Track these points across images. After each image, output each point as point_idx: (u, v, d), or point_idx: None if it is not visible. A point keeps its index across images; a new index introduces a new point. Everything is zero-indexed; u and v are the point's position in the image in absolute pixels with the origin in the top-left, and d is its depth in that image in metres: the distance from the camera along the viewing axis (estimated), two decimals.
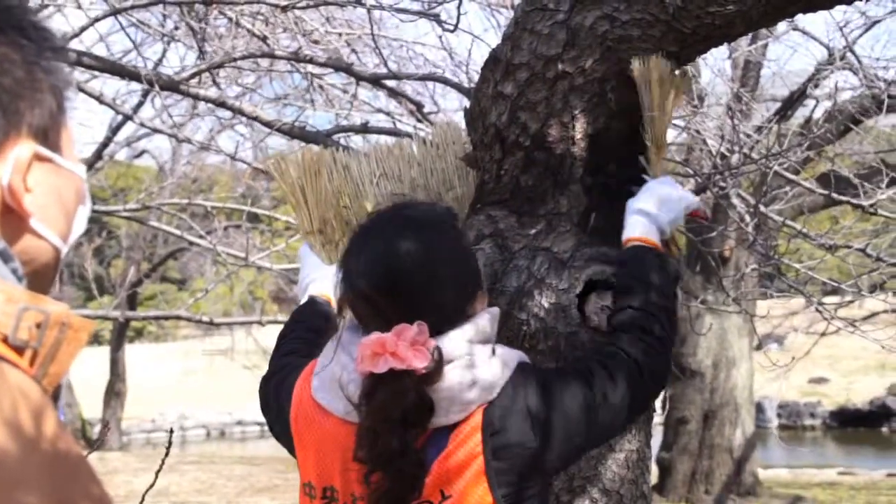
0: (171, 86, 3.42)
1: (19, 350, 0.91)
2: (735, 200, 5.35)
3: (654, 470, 12.38)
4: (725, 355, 11.43)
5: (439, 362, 1.71)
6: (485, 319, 1.78)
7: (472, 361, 1.75)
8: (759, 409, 29.05)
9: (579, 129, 2.07)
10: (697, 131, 5.55)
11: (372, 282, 1.77)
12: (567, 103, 2.07)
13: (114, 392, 18.25)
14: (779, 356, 14.69)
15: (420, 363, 1.69)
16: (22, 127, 1.01)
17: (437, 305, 1.75)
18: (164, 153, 14.49)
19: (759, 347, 18.27)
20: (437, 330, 1.73)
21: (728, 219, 6.74)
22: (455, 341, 1.74)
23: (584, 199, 2.09)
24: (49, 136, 1.04)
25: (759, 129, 6.07)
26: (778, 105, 9.18)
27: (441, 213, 1.87)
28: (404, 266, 1.76)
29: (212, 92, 3.63)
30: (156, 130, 5.40)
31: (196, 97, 3.74)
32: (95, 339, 46.02)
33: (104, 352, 19.34)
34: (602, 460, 2.08)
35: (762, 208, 5.04)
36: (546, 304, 2.02)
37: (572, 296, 2.01)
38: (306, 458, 1.86)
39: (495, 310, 1.83)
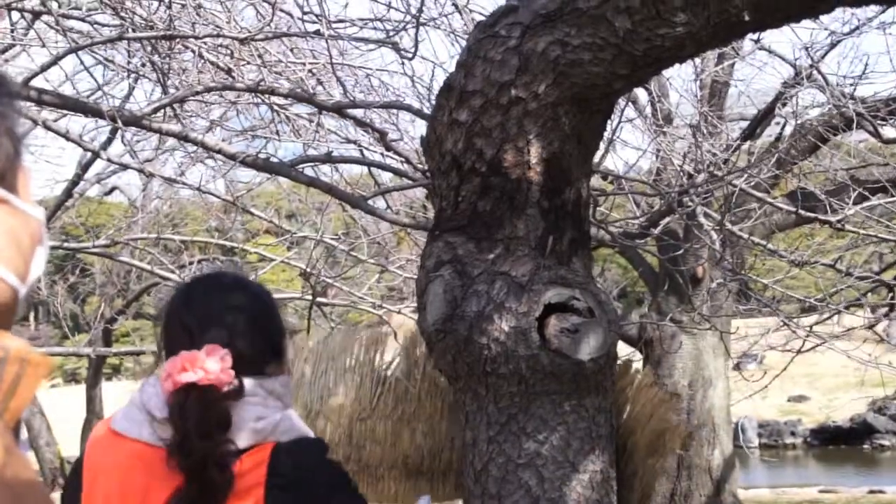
0: (134, 121, 3.41)
1: None
2: (702, 219, 5.39)
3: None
4: (702, 375, 11.44)
5: (240, 386, 2.00)
6: (278, 383, 2.11)
7: (258, 402, 2.07)
8: (740, 429, 29.16)
9: (534, 153, 2.09)
10: (665, 152, 5.60)
11: (199, 322, 2.10)
12: (521, 128, 2.08)
13: (90, 429, 18.02)
14: (757, 375, 14.75)
15: (226, 378, 1.99)
16: None
17: (250, 352, 2.06)
18: (135, 190, 14.44)
19: (737, 367, 18.34)
20: (246, 371, 2.03)
21: (697, 238, 6.78)
22: (250, 383, 2.02)
23: (541, 222, 2.11)
24: (6, 178, 1.04)
25: (726, 148, 6.14)
26: (746, 124, 9.25)
27: (255, 283, 2.30)
28: (236, 311, 2.14)
29: (175, 126, 3.63)
30: (124, 166, 5.39)
31: (159, 132, 3.74)
32: (73, 378, 45.74)
33: (82, 390, 19.17)
34: (566, 481, 2.09)
35: (728, 225, 5.09)
36: (506, 328, 2.03)
37: (532, 319, 2.03)
38: (105, 490, 2.03)
39: (286, 378, 2.16)
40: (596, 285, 2.16)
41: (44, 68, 3.57)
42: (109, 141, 8.34)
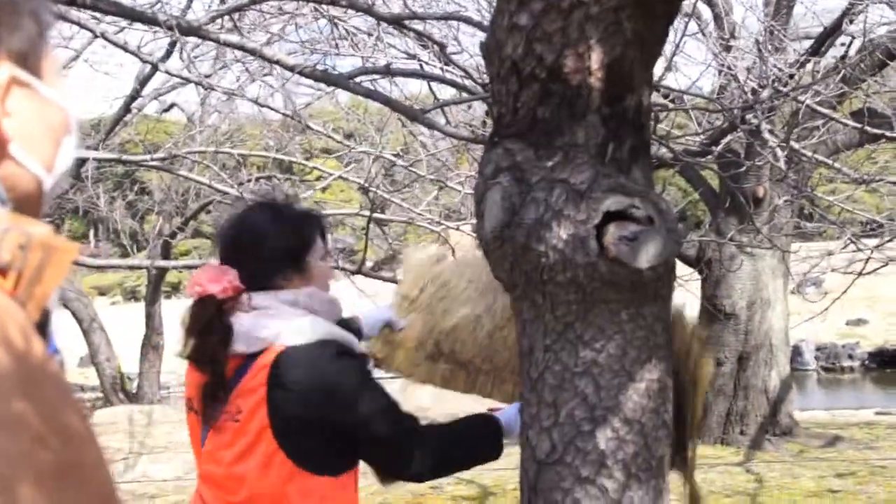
0: (192, 31, 3.40)
1: (2, 271, 0.89)
2: (766, 136, 5.29)
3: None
4: (760, 296, 11.36)
5: (236, 295, 2.48)
6: (301, 293, 2.55)
7: (274, 313, 2.49)
8: (797, 351, 29.04)
9: (595, 59, 2.05)
10: (729, 67, 5.48)
11: (221, 244, 2.63)
12: (583, 33, 2.04)
13: (150, 346, 18.38)
14: (817, 298, 14.62)
15: (214, 288, 2.46)
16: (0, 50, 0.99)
17: (253, 269, 2.53)
18: (194, 107, 14.47)
19: (796, 290, 18.18)
20: (256, 286, 2.52)
21: (759, 156, 6.67)
22: (263, 296, 2.51)
23: (601, 129, 2.08)
24: (28, 61, 1.02)
25: (791, 65, 6.00)
26: (811, 42, 9.03)
27: (287, 205, 2.69)
28: (238, 235, 2.61)
29: (233, 37, 3.61)
30: (183, 79, 5.41)
31: (217, 41, 3.72)
32: (132, 296, 46.51)
33: (142, 307, 19.50)
34: (622, 390, 2.09)
35: (793, 143, 4.99)
36: (564, 236, 2.02)
37: (590, 227, 2.01)
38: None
39: (313, 289, 2.59)
40: (656, 193, 2.13)
41: None
42: (168, 54, 8.36)
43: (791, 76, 5.44)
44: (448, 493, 8.69)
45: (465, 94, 4.14)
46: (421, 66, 4.57)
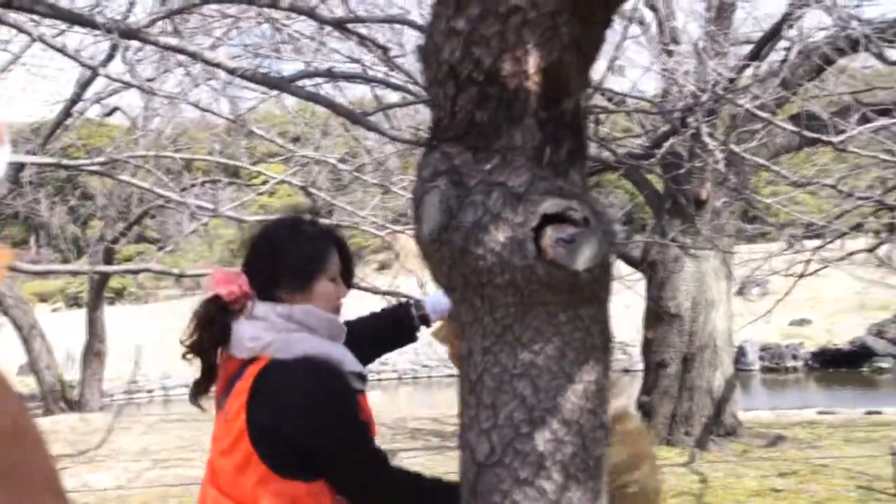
0: (131, 34, 3.37)
1: None
2: (706, 139, 5.35)
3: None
4: (704, 298, 11.49)
5: (237, 300, 2.68)
6: (296, 309, 2.67)
7: (267, 325, 2.64)
8: (742, 352, 29.41)
9: (533, 63, 2.06)
10: (670, 71, 5.53)
11: (244, 250, 2.81)
12: (520, 37, 2.05)
13: (93, 353, 18.15)
14: (761, 299, 14.75)
15: (222, 290, 2.66)
16: None
17: (261, 279, 2.72)
18: (137, 111, 14.29)
19: (740, 292, 18.38)
20: (261, 296, 2.71)
21: (700, 159, 6.74)
22: (262, 306, 2.68)
23: (538, 133, 2.09)
24: None
25: (731, 69, 6.07)
26: (751, 47, 9.16)
27: (309, 222, 2.84)
28: (256, 244, 2.80)
29: (173, 40, 3.58)
30: (124, 83, 5.36)
31: (156, 45, 3.69)
32: (75, 302, 45.86)
33: (84, 314, 19.27)
34: (561, 392, 2.10)
35: (733, 146, 5.05)
36: (502, 239, 2.03)
37: (528, 229, 2.02)
38: None
39: (311, 307, 2.70)
40: (593, 196, 2.15)
41: None
42: (109, 58, 8.27)
43: (731, 80, 5.51)
44: None
45: (408, 98, 4.14)
46: (364, 70, 4.56)
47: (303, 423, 2.54)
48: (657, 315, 11.35)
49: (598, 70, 3.88)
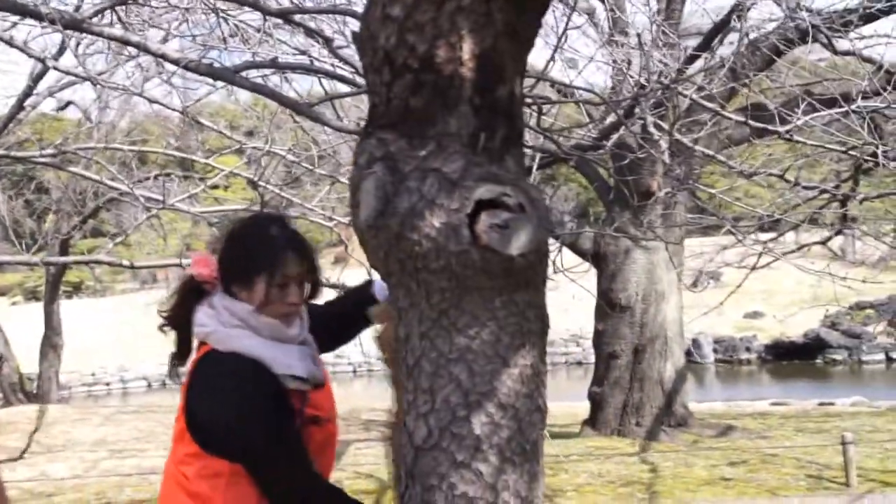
0: (75, 25, 3.35)
1: None
2: (651, 129, 5.39)
3: (586, 405, 12.58)
4: (655, 289, 11.58)
5: (208, 282, 2.86)
6: (238, 306, 2.78)
7: (214, 315, 2.78)
8: (696, 344, 29.67)
9: (467, 49, 2.08)
10: (615, 62, 5.58)
11: None
12: (454, 24, 2.07)
13: (50, 345, 18.05)
14: (714, 292, 14.90)
15: (194, 271, 2.86)
16: None
17: (220, 270, 2.86)
18: (92, 107, 14.16)
19: (694, 284, 18.52)
20: (222, 285, 2.86)
21: (646, 150, 6.80)
22: (218, 297, 2.83)
23: (473, 119, 2.11)
24: None
25: (680, 60, 6.12)
26: (701, 38, 9.23)
27: (271, 224, 2.90)
28: (223, 237, 2.93)
29: (117, 31, 3.57)
30: (73, 75, 5.31)
31: (100, 35, 3.67)
32: (33, 296, 45.39)
33: (42, 308, 19.13)
34: (496, 376, 2.12)
35: (677, 136, 5.10)
36: (437, 224, 2.05)
37: (463, 215, 2.04)
38: None
39: (250, 309, 2.78)
40: (527, 182, 2.18)
41: None
42: (61, 51, 8.20)
43: (680, 71, 5.56)
44: (346, 487, 8.69)
45: (355, 89, 4.15)
46: (311, 61, 4.56)
47: (215, 417, 2.69)
48: (608, 306, 11.43)
49: (543, 60, 3.90)
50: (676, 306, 11.95)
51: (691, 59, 5.97)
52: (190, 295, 2.87)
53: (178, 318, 2.88)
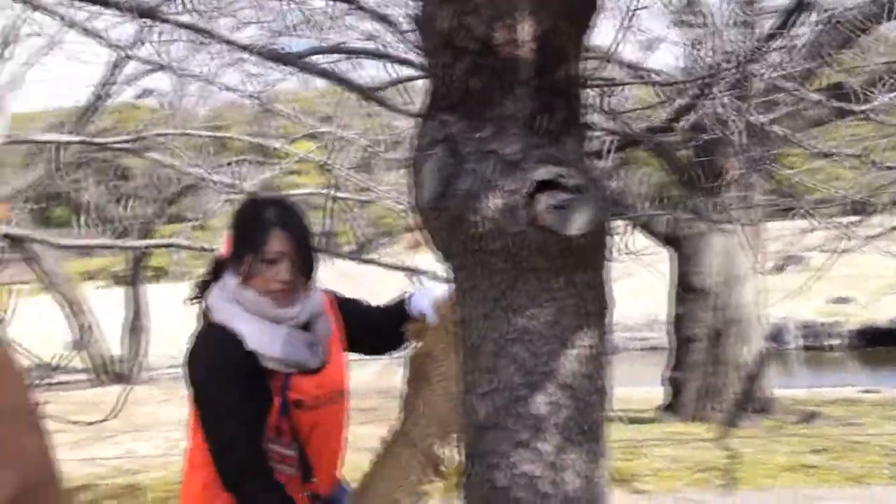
0: (148, 13, 3.44)
1: None
2: (727, 111, 5.31)
3: (665, 390, 12.46)
4: (732, 273, 11.43)
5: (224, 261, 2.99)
6: (231, 281, 2.91)
7: (218, 291, 2.96)
8: (780, 330, 29.15)
9: (525, 31, 2.09)
10: (692, 43, 5.51)
11: None
12: (512, 6, 2.08)
13: (135, 328, 18.49)
14: (799, 276, 14.58)
15: (220, 250, 3.05)
16: None
17: None
18: (171, 92, 14.40)
19: (780, 269, 18.17)
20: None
21: (724, 132, 6.70)
22: (226, 274, 2.96)
23: (531, 101, 2.11)
24: None
25: (757, 40, 6.02)
26: (778, 17, 9.03)
27: (260, 203, 3.02)
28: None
29: (184, 18, 3.64)
30: (151, 63, 5.42)
31: (168, 21, 3.75)
32: (121, 280, 46.36)
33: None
34: (556, 356, 2.13)
35: (756, 117, 5.03)
36: (496, 205, 2.06)
37: (520, 196, 2.05)
38: None
39: (238, 285, 2.90)
40: (587, 163, 2.18)
41: None
42: (140, 40, 8.33)
43: (755, 50, 5.47)
44: None
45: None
46: (383, 46, 4.58)
47: (190, 383, 2.84)
48: (685, 290, 11.32)
49: (612, 40, 3.88)
50: (754, 290, 11.77)
51: (768, 38, 5.85)
52: (213, 272, 3.01)
53: (201, 293, 3.02)
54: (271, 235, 2.89)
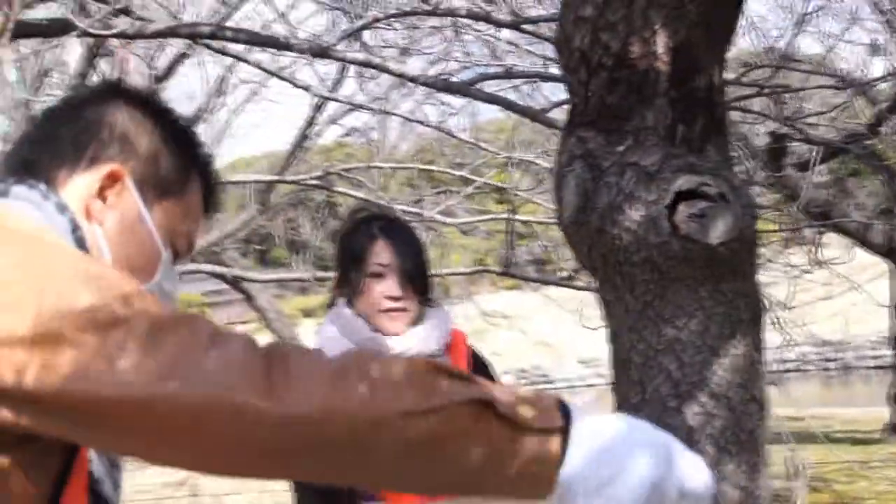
0: (322, 53, 3.59)
1: None
2: None
3: (892, 409, 11.88)
4: None
5: None
6: (338, 306, 2.83)
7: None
8: None
9: (660, 43, 2.10)
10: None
11: None
12: (647, 19, 2.09)
13: None
14: None
15: None
16: None
17: None
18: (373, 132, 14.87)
19: None
20: None
21: None
22: None
23: (669, 112, 2.12)
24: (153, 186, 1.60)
25: None
26: None
27: (356, 219, 2.93)
28: None
29: (359, 54, 3.80)
30: (352, 105, 5.66)
31: (342, 59, 3.92)
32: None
33: None
34: (706, 366, 2.11)
35: None
36: (637, 217, 2.07)
37: (661, 207, 2.05)
38: None
39: (344, 304, 2.80)
40: (729, 170, 2.16)
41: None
42: (338, 82, 8.70)
43: None
44: None
45: None
46: (546, 67, 4.64)
47: None
48: None
49: (810, 48, 3.79)
50: None
51: None
52: (332, 297, 2.95)
53: None
54: (375, 247, 2.69)
